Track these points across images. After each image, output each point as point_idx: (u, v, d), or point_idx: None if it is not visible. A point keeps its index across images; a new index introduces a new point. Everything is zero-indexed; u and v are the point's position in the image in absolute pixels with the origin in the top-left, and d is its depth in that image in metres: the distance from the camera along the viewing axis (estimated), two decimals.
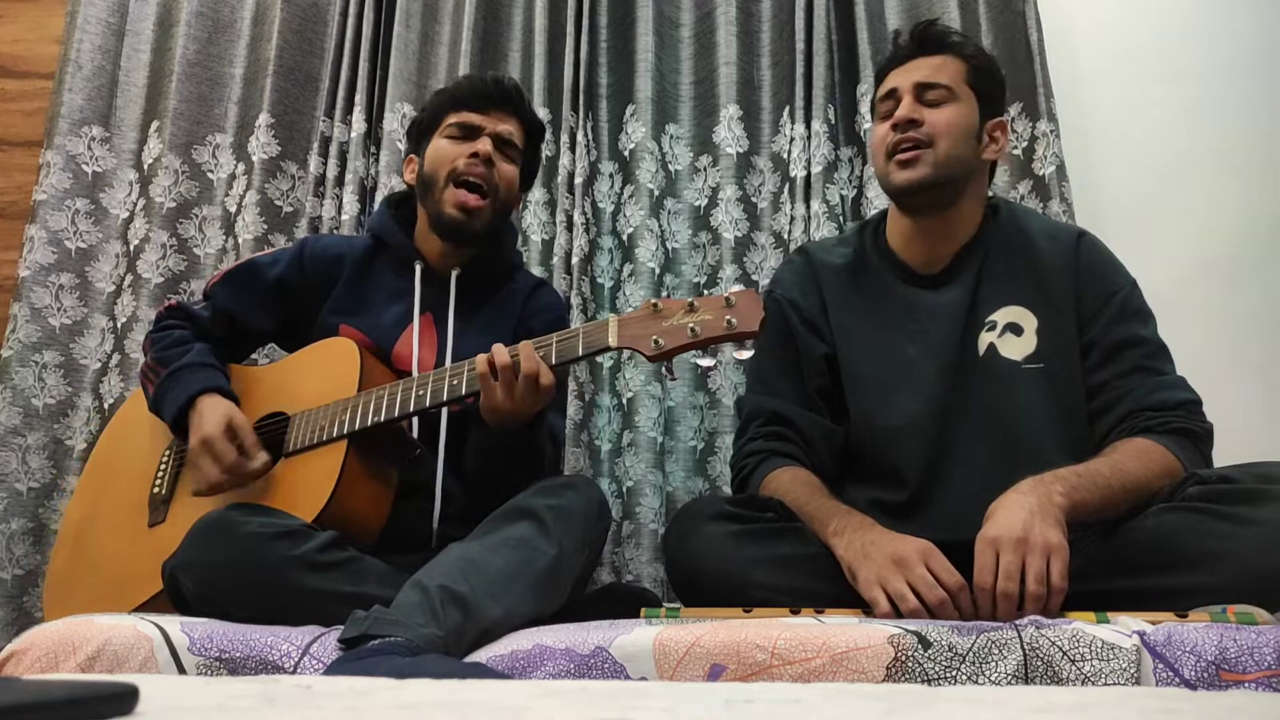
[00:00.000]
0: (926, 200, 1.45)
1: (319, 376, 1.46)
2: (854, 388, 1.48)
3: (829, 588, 1.26)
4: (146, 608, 1.33)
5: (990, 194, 1.56)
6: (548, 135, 2.14)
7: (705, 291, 2.11)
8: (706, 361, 1.27)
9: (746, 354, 1.24)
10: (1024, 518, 1.13)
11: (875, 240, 1.55)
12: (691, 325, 1.21)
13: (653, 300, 1.26)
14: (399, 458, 1.43)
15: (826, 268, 1.54)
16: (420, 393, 1.34)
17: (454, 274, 1.58)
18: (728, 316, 1.20)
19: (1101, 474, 1.23)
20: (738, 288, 1.25)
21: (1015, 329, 1.43)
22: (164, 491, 1.47)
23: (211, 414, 1.39)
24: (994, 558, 1.12)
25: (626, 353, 1.44)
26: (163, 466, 1.51)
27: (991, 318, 1.44)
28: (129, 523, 1.48)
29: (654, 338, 1.22)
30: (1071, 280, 1.43)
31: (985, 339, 1.43)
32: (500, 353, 1.28)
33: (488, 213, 1.54)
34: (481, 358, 1.29)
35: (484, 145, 1.52)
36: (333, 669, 0.99)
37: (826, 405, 1.51)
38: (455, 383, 1.32)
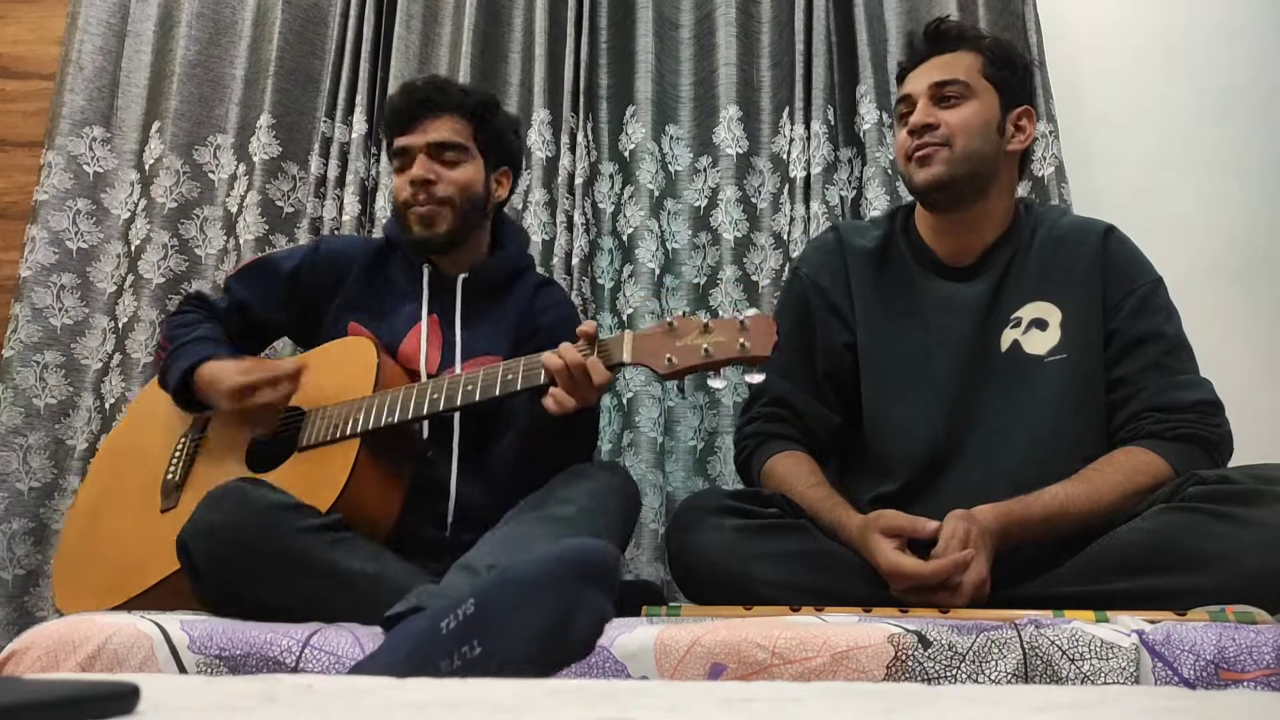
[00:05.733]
0: (949, 197, 1.44)
1: (336, 375, 1.49)
2: (869, 376, 1.48)
3: (832, 583, 1.26)
4: (157, 590, 1.35)
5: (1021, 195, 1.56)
6: (548, 135, 2.15)
7: (706, 294, 2.12)
8: (717, 383, 1.29)
9: (756, 378, 1.24)
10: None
11: (905, 228, 1.54)
12: (705, 346, 1.22)
13: (668, 319, 1.27)
14: (410, 459, 1.46)
15: (855, 250, 1.53)
16: (434, 396, 1.36)
17: (461, 278, 1.59)
18: (741, 340, 1.21)
19: (1057, 498, 1.26)
20: (752, 311, 1.24)
21: (1040, 324, 1.42)
22: (177, 478, 1.50)
23: (221, 370, 1.44)
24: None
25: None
26: (176, 453, 1.53)
27: (1016, 314, 1.43)
28: (139, 508, 1.49)
29: (668, 355, 1.24)
30: (1099, 273, 1.42)
31: (1009, 336, 1.42)
32: (550, 357, 1.29)
33: (447, 219, 1.54)
34: (547, 356, 1.29)
35: (417, 170, 1.53)
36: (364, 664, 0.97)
37: (837, 393, 1.51)
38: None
